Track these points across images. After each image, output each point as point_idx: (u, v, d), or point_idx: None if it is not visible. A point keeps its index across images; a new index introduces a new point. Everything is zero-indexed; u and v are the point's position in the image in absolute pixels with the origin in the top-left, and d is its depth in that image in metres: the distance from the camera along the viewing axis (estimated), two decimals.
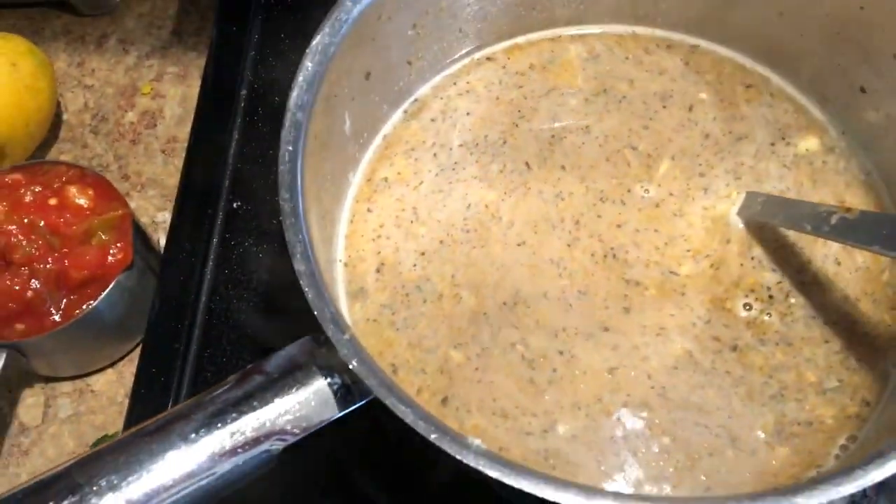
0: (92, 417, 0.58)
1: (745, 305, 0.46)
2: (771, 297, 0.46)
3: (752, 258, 0.47)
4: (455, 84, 0.53)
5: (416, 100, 0.52)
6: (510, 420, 0.43)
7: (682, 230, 0.48)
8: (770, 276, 0.47)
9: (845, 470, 0.33)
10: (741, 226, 0.48)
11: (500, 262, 0.47)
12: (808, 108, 0.52)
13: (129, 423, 0.52)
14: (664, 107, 0.52)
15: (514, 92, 0.53)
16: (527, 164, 0.50)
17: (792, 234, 0.48)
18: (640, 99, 0.52)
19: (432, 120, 0.52)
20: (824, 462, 0.42)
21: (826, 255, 0.47)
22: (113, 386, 0.59)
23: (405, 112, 0.52)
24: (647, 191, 0.49)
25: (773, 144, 0.51)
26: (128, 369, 0.59)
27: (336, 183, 0.47)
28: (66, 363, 0.57)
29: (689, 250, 0.47)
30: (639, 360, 0.44)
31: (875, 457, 0.33)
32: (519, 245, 0.48)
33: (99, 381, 0.59)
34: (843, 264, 0.47)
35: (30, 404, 0.59)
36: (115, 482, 0.33)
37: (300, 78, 0.42)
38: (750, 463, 0.42)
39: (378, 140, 0.51)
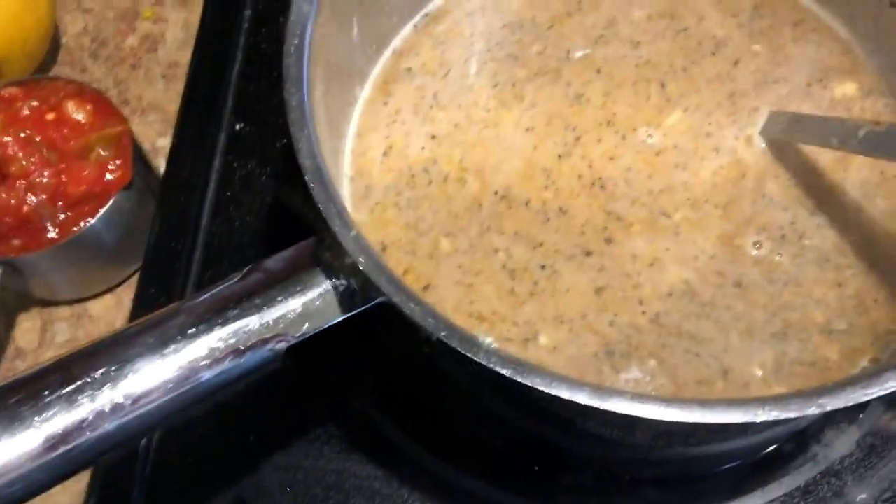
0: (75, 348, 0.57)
1: (754, 244, 0.44)
2: (783, 236, 0.44)
3: (765, 196, 0.45)
4: None
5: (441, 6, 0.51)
6: (486, 324, 0.42)
7: (683, 179, 0.46)
8: (783, 216, 0.45)
9: (873, 372, 0.32)
10: (756, 161, 0.46)
11: (507, 143, 0.46)
12: (853, 47, 0.49)
13: None
14: (713, 54, 0.49)
15: None
16: (568, 52, 0.49)
17: (810, 172, 0.46)
18: (697, 38, 0.50)
19: (468, 14, 0.51)
20: None
21: (845, 198, 0.45)
22: (111, 311, 0.58)
23: (424, 17, 0.51)
24: (650, 136, 0.47)
25: (808, 86, 0.48)
26: (126, 295, 0.58)
27: (343, 89, 0.46)
28: (63, 285, 0.56)
29: (688, 198, 0.45)
30: (630, 286, 0.43)
31: None
32: (527, 130, 0.46)
33: (97, 306, 0.58)
34: (864, 210, 0.45)
35: (26, 328, 0.57)
36: (113, 375, 0.32)
37: None
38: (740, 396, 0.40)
39: (390, 49, 0.49)
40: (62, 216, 0.51)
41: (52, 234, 0.51)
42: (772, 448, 0.47)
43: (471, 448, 0.48)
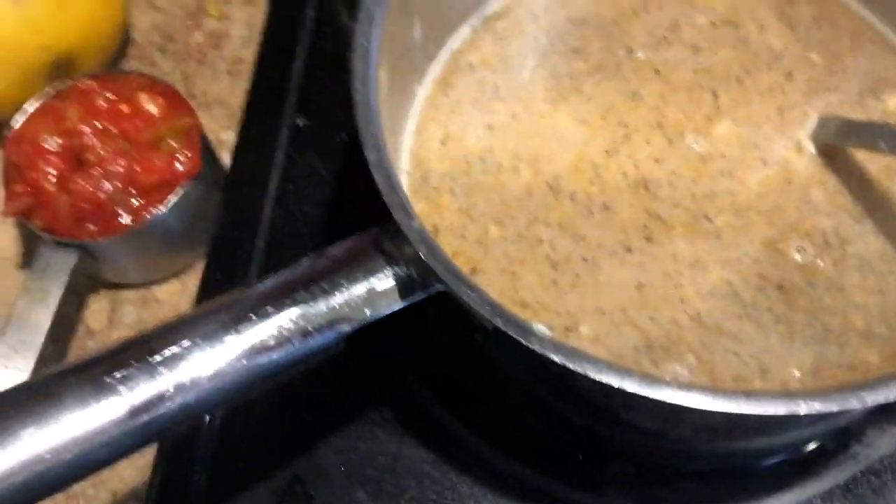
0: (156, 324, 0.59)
1: (798, 249, 0.45)
2: (827, 242, 0.45)
3: (810, 202, 0.46)
4: None
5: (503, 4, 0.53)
6: (530, 311, 0.43)
7: (727, 187, 0.47)
8: (827, 222, 0.46)
9: None
10: (804, 169, 0.47)
11: (561, 134, 0.48)
12: None
13: None
14: (769, 66, 0.50)
15: None
16: (630, 50, 0.50)
17: (857, 180, 0.46)
18: (755, 48, 0.51)
19: (532, 11, 0.53)
20: None
21: (891, 207, 0.46)
22: (176, 295, 0.61)
23: (482, 19, 0.52)
24: (697, 143, 0.48)
25: (861, 96, 0.49)
26: (191, 280, 0.61)
27: (404, 87, 0.48)
28: (132, 269, 0.59)
29: (732, 204, 0.46)
30: (671, 285, 0.44)
31: None
32: (582, 123, 0.48)
33: (163, 291, 0.61)
34: None
35: (95, 309, 0.60)
36: (191, 350, 0.34)
37: None
38: None
39: (448, 49, 0.51)
40: (135, 203, 0.54)
41: (124, 221, 0.54)
42: (813, 446, 0.48)
43: (518, 435, 0.50)
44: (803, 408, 0.32)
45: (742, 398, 0.32)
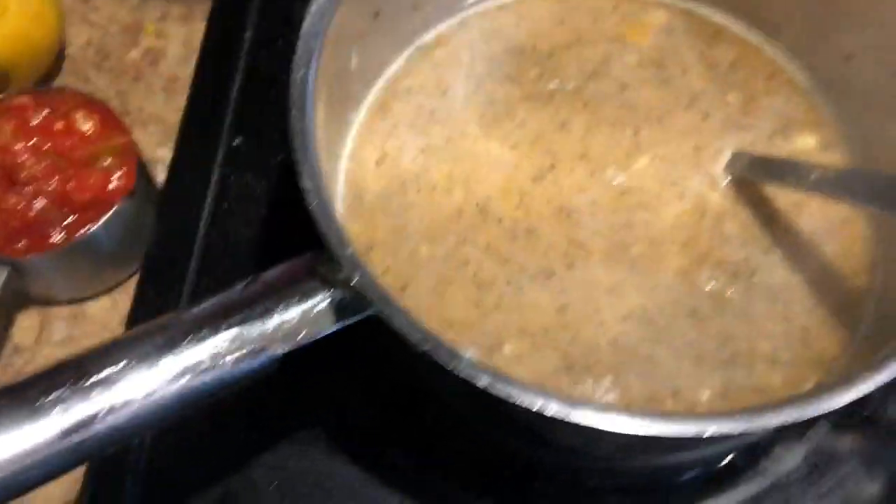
0: (86, 341, 0.59)
1: (708, 278, 0.48)
2: (736, 272, 0.48)
3: (722, 234, 0.49)
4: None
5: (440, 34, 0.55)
6: (455, 330, 0.46)
7: (644, 218, 0.49)
8: (738, 253, 0.48)
9: (816, 393, 0.35)
10: (718, 202, 0.50)
11: (493, 158, 0.50)
12: (815, 100, 0.53)
13: None
14: (686, 107, 0.53)
15: (585, 19, 0.55)
16: (562, 81, 0.53)
17: (766, 214, 0.49)
18: (678, 90, 0.53)
19: (468, 42, 0.55)
20: None
21: (798, 240, 0.49)
22: (107, 312, 0.60)
23: (418, 48, 0.54)
24: (617, 176, 0.50)
25: (771, 136, 0.52)
26: (122, 297, 0.61)
27: (340, 114, 0.49)
28: (62, 286, 0.58)
29: (648, 235, 0.49)
30: (591, 309, 0.46)
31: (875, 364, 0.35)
32: (513, 148, 0.50)
33: (93, 307, 0.60)
34: (813, 252, 0.49)
35: (24, 326, 0.60)
36: (124, 372, 0.35)
37: (313, 7, 0.43)
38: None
39: (384, 78, 0.53)
40: (67, 221, 0.54)
41: (56, 238, 0.53)
42: (725, 462, 0.50)
43: (447, 454, 0.51)
44: (711, 429, 0.34)
45: (654, 419, 0.35)
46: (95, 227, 0.54)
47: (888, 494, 0.49)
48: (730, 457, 0.50)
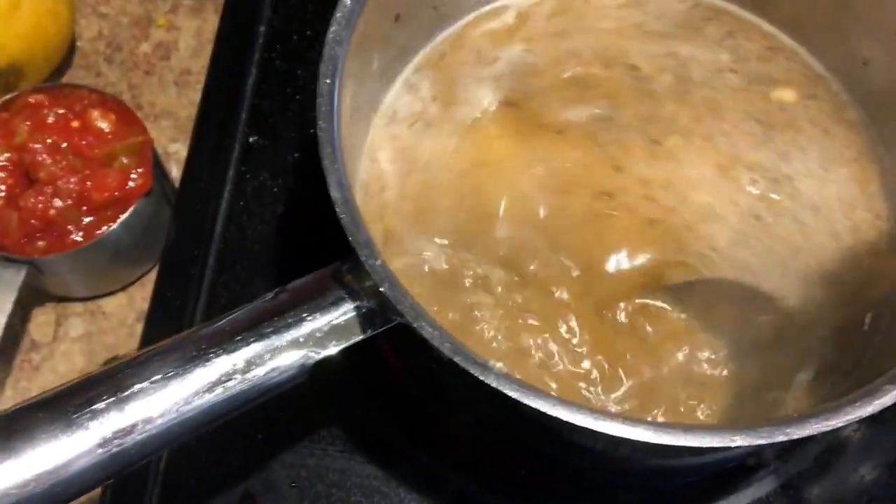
0: (102, 337, 0.60)
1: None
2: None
3: None
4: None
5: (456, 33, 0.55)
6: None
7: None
8: None
9: (835, 407, 0.36)
10: None
11: (509, 155, 0.51)
12: None
13: (144, 343, 0.53)
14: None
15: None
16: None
17: None
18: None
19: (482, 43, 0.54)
20: None
21: None
22: (123, 309, 0.61)
23: (438, 49, 0.54)
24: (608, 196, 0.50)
25: None
26: (138, 293, 0.61)
27: (360, 119, 0.49)
28: (79, 284, 0.59)
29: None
30: None
31: (867, 393, 0.36)
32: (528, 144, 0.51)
33: (110, 304, 0.61)
34: None
35: (41, 322, 0.60)
36: (161, 383, 0.35)
37: (338, 14, 0.43)
38: None
39: (402, 78, 0.53)
40: (86, 220, 0.54)
41: (75, 237, 0.54)
42: (737, 462, 0.51)
43: (464, 452, 0.52)
44: (737, 441, 0.35)
45: (681, 432, 0.35)
46: (114, 226, 0.54)
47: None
48: (742, 458, 0.51)
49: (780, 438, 0.35)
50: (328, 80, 0.41)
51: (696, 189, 0.50)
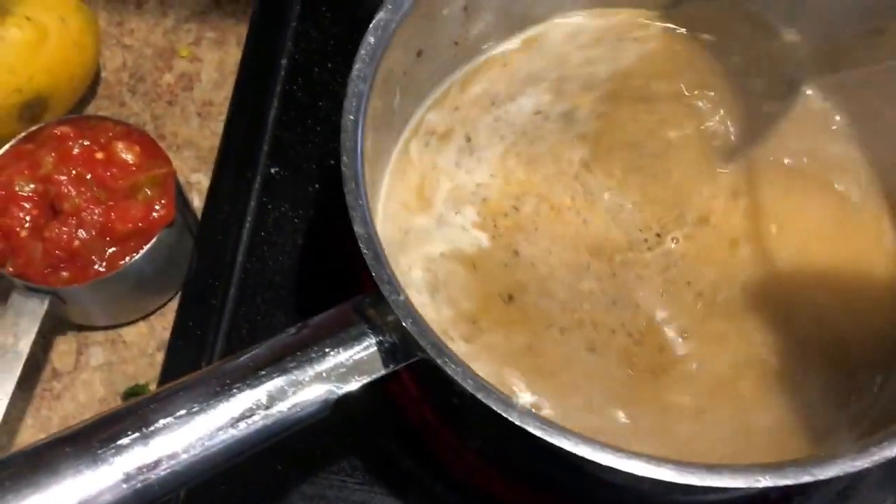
0: (123, 367, 0.60)
1: None
2: None
3: None
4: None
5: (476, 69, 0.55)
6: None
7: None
8: None
9: (862, 447, 0.36)
10: None
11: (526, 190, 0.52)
12: None
13: (165, 373, 0.54)
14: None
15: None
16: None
17: None
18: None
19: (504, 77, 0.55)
20: None
21: None
22: (144, 338, 0.61)
23: (456, 83, 0.55)
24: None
25: None
26: (159, 323, 0.62)
27: (381, 151, 0.49)
28: (101, 313, 0.59)
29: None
30: None
31: (892, 433, 0.36)
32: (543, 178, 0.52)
33: (131, 333, 0.61)
34: None
35: (62, 351, 0.60)
36: (184, 418, 0.35)
37: (363, 51, 0.43)
38: None
39: (422, 112, 0.53)
40: (109, 251, 0.54)
41: (98, 268, 0.54)
42: (761, 497, 0.51)
43: (483, 484, 0.52)
44: (762, 482, 0.35)
45: (705, 472, 0.35)
46: (137, 257, 0.54)
47: None
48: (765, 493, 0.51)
49: (806, 479, 0.35)
50: (352, 117, 0.42)
51: None
